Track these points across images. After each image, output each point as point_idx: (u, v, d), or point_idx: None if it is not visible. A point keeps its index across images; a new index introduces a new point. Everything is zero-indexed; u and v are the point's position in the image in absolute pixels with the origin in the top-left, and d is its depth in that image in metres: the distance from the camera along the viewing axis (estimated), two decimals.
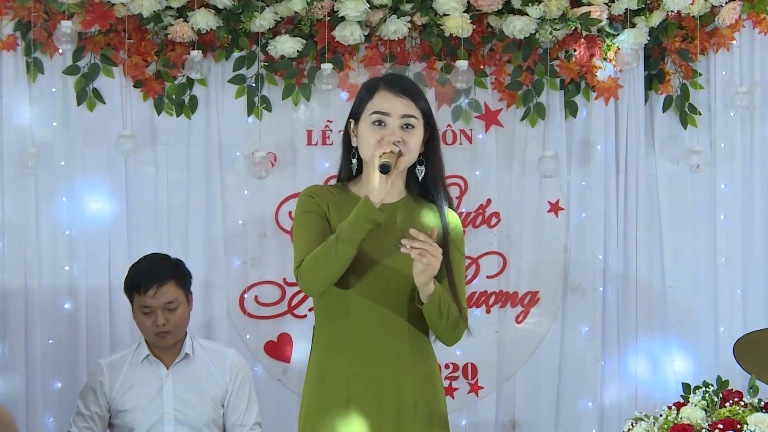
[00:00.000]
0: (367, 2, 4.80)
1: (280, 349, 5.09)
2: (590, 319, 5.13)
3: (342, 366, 3.12)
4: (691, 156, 5.03)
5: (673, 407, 3.43)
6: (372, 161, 3.05)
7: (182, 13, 4.88)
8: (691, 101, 5.12)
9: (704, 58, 5.14)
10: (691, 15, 4.99)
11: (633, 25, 4.95)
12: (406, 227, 3.11)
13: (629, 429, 3.44)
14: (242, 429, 4.39)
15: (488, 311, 5.13)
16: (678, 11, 4.98)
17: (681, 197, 5.20)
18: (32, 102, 4.93)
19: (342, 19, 4.85)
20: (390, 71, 4.93)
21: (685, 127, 5.13)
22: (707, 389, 3.49)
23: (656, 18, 4.97)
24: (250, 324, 5.08)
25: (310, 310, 4.91)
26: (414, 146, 3.14)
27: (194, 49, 4.86)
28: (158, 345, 4.34)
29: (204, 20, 4.83)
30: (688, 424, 3.30)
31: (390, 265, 3.12)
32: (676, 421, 3.34)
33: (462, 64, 4.89)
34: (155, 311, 4.27)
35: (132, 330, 4.69)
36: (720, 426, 3.24)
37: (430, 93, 5.03)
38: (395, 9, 4.89)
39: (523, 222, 5.14)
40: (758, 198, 5.20)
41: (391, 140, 3.06)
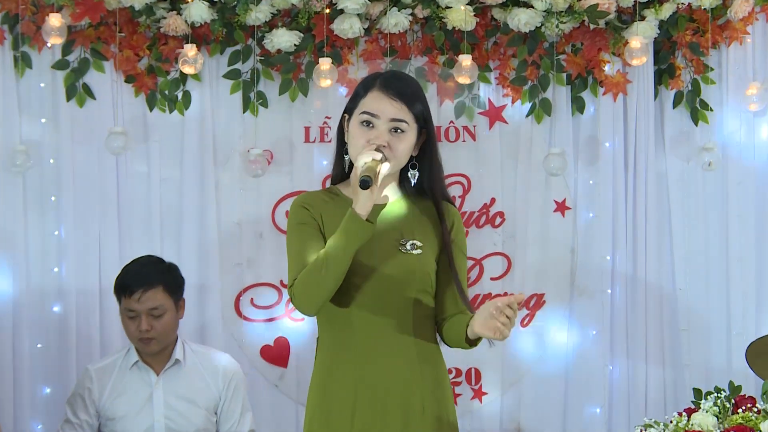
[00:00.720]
0: None
1: (277, 354, 5.08)
2: (598, 323, 5.12)
3: (347, 374, 3.11)
4: (703, 153, 5.02)
5: (684, 413, 3.43)
6: (354, 174, 3.02)
7: (175, 6, 4.88)
8: (703, 97, 5.11)
9: (716, 52, 5.11)
10: (703, 7, 4.97)
11: (642, 18, 4.93)
12: (404, 227, 3.12)
13: None
14: None
15: None
16: (689, 3, 4.97)
17: (692, 196, 5.18)
18: (20, 98, 4.93)
19: (341, 12, 4.84)
20: (390, 66, 4.95)
21: (696, 124, 5.11)
22: (719, 395, 3.49)
23: (666, 11, 4.95)
24: (246, 327, 5.08)
25: None
26: (402, 152, 3.11)
27: (188, 43, 4.83)
28: (143, 351, 4.34)
29: (198, 13, 4.82)
30: (700, 431, 3.29)
31: (391, 268, 3.11)
32: (687, 428, 3.33)
33: (465, 59, 4.86)
34: (139, 316, 4.27)
35: (123, 334, 4.59)
36: None
37: (432, 88, 5.04)
38: (396, 1, 4.88)
39: (529, 222, 5.13)
40: None
41: (375, 145, 3.05)
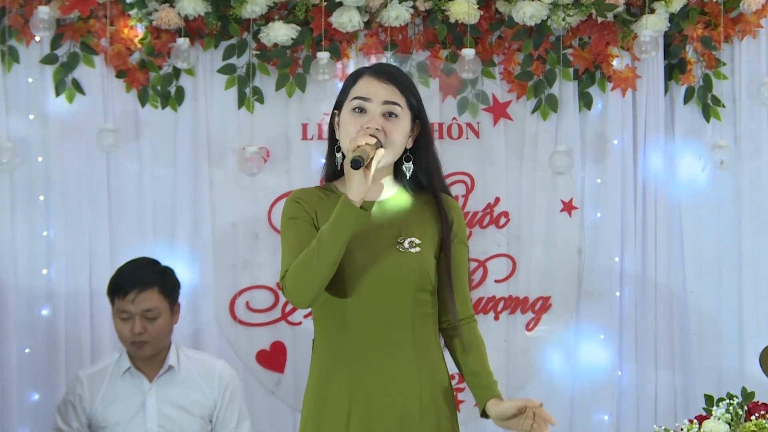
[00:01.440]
0: None
1: (274, 359, 5.08)
2: (606, 326, 5.12)
3: (343, 378, 3.10)
4: (715, 151, 5.01)
5: (695, 421, 3.42)
6: (348, 153, 3.01)
7: None
8: (715, 92, 5.10)
9: (728, 46, 5.12)
10: (715, 0, 4.97)
11: (652, 11, 4.93)
12: (401, 224, 3.11)
13: None
14: None
15: (496, 318, 5.13)
16: None
17: (703, 196, 5.17)
18: (7, 93, 4.93)
19: (339, 5, 4.84)
20: (391, 61, 4.94)
21: (708, 120, 5.11)
22: (731, 401, 3.48)
23: (677, 3, 4.95)
24: (241, 332, 5.07)
25: (306, 317, 4.97)
26: (397, 138, 3.10)
27: (181, 37, 4.85)
28: (135, 355, 4.33)
29: (191, 6, 4.82)
30: None
31: (388, 267, 3.09)
32: None
33: (468, 53, 4.87)
34: (133, 318, 4.27)
35: (115, 339, 4.67)
36: None
37: (434, 84, 5.04)
38: None
39: (534, 222, 5.13)
40: None
41: (369, 129, 3.03)
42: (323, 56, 4.85)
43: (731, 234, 5.17)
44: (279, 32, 4.86)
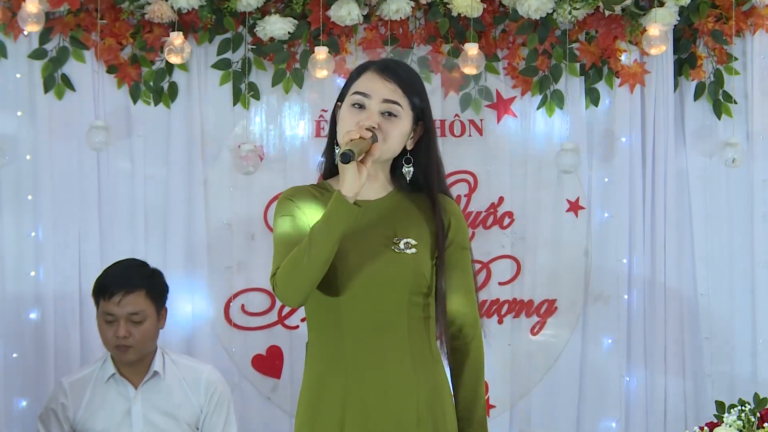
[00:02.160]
0: None
1: (270, 364, 5.07)
2: (614, 330, 5.11)
3: (336, 384, 3.08)
4: (726, 149, 5.00)
5: (706, 428, 3.42)
6: (340, 146, 3.00)
7: None
8: (726, 88, 5.10)
9: (740, 41, 5.11)
10: None
11: (661, 4, 4.91)
12: (397, 224, 3.09)
13: None
14: None
15: (500, 321, 5.12)
16: None
17: (715, 195, 5.18)
18: None
19: None
20: (391, 56, 4.94)
21: (719, 117, 5.11)
22: (743, 408, 3.47)
23: None
24: (237, 336, 5.07)
25: (303, 321, 4.92)
26: (394, 137, 3.07)
27: (174, 31, 4.82)
28: (118, 359, 4.30)
29: None
30: None
31: (382, 268, 3.07)
32: None
33: (471, 48, 4.85)
34: (118, 321, 4.23)
35: None
36: None
37: (436, 79, 5.04)
38: None
39: (539, 223, 5.13)
40: None
41: (365, 125, 3.01)
42: (321, 51, 4.83)
43: (743, 234, 5.17)
44: (275, 26, 4.85)
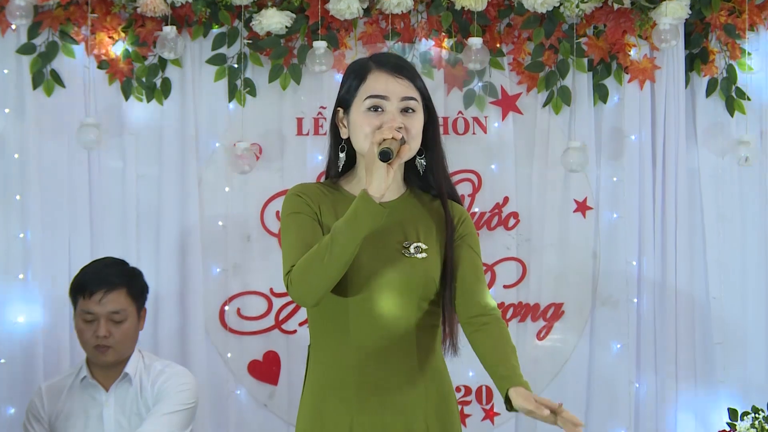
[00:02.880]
0: None
1: (267, 370, 5.07)
2: (623, 335, 5.11)
3: (344, 391, 3.10)
4: (739, 147, 5.00)
5: None
6: (370, 152, 3.00)
7: None
8: (739, 84, 5.09)
9: (754, 35, 5.11)
10: None
11: None
12: (408, 228, 3.10)
13: None
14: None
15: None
16: None
17: (727, 195, 5.18)
18: None
19: None
20: (392, 51, 4.94)
21: (732, 115, 5.10)
22: (757, 415, 3.46)
23: None
24: (232, 341, 5.06)
25: (301, 325, 4.99)
26: (417, 133, 3.11)
27: (167, 25, 4.83)
28: (96, 361, 4.28)
29: None
30: None
31: (392, 273, 3.08)
32: None
33: (475, 42, 4.87)
34: (98, 320, 4.23)
35: None
36: None
37: (439, 75, 5.04)
38: None
39: (546, 224, 5.13)
40: None
41: (393, 126, 3.03)
42: (320, 46, 4.83)
43: (757, 236, 5.18)
44: (272, 20, 4.85)
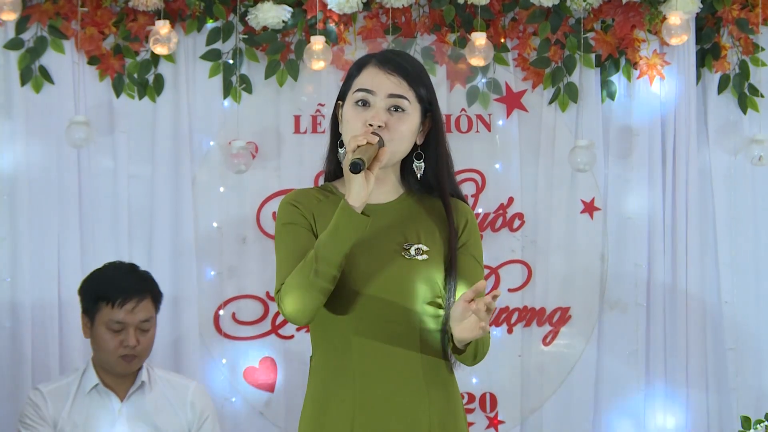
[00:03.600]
0: None
1: (263, 376, 5.06)
2: (632, 341, 5.10)
3: (344, 400, 3.06)
4: (752, 146, 4.99)
5: None
6: (346, 160, 2.98)
7: None
8: (752, 81, 5.09)
9: (767, 30, 5.09)
10: None
11: None
12: (407, 229, 3.07)
13: None
14: None
15: (510, 331, 5.10)
16: None
17: (740, 195, 5.16)
18: None
19: None
20: (393, 46, 4.95)
21: (745, 112, 5.09)
22: None
23: None
24: (227, 346, 5.06)
25: (299, 330, 4.99)
26: (403, 134, 3.06)
27: (160, 19, 4.81)
28: (118, 370, 4.28)
29: None
30: None
31: (393, 276, 3.05)
32: None
33: (479, 37, 4.85)
34: (127, 329, 4.25)
35: (87, 353, 4.63)
36: None
37: (441, 71, 5.03)
38: None
39: (552, 225, 5.12)
40: None
41: (371, 127, 3.01)
42: (318, 41, 4.81)
43: None
44: (269, 14, 4.85)
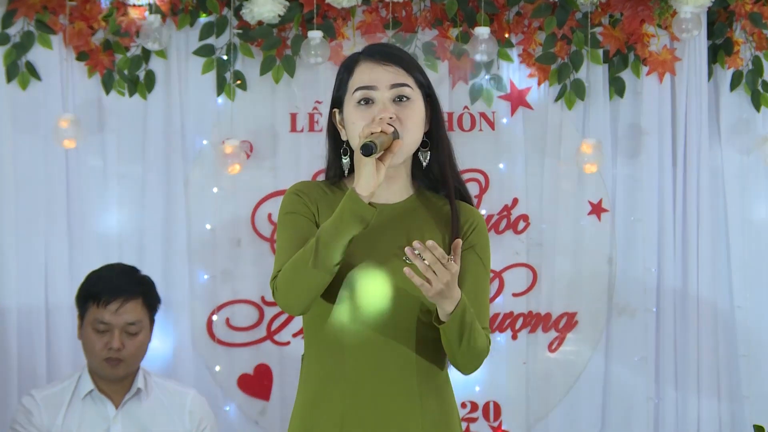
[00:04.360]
0: None
1: (258, 384, 5.05)
2: (641, 347, 5.08)
3: (334, 405, 3.04)
4: (766, 145, 4.99)
5: None
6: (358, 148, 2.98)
7: None
8: (766, 78, 5.08)
9: None
10: None
11: None
12: (410, 231, 3.04)
13: None
14: None
15: (515, 337, 5.08)
16: None
17: (753, 196, 5.15)
18: None
19: None
20: (393, 41, 4.92)
21: (758, 110, 5.08)
22: None
23: None
24: (221, 353, 5.05)
25: (294, 336, 4.98)
26: (414, 124, 3.04)
27: (151, 13, 4.82)
28: (104, 374, 4.29)
29: None
30: None
31: (391, 279, 3.02)
32: None
33: (482, 32, 4.85)
34: (112, 330, 4.25)
35: (75, 360, 4.67)
36: None
37: (443, 67, 5.01)
38: None
39: (558, 227, 5.10)
40: None
41: (385, 118, 2.99)
42: (315, 36, 4.82)
43: None
44: (264, 8, 4.81)
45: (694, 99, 5.04)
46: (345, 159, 3.08)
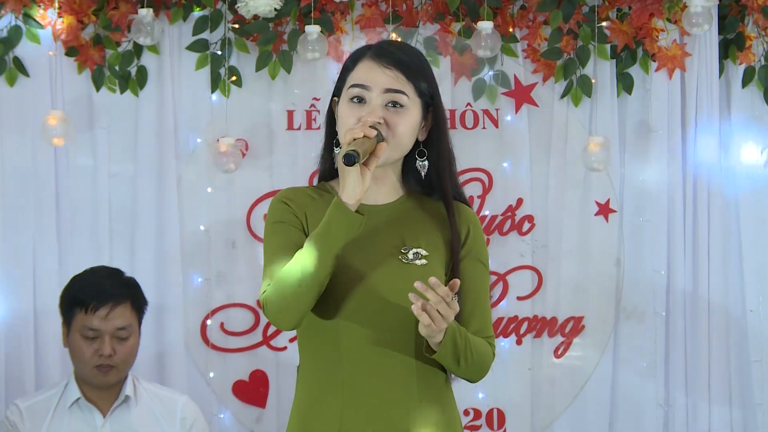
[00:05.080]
0: None
1: (254, 391, 5.04)
2: (650, 352, 5.06)
3: (332, 412, 3.02)
4: None
5: None
6: (342, 146, 2.99)
7: None
8: None
9: None
10: None
11: None
12: (406, 232, 3.04)
13: None
14: None
15: (519, 342, 5.07)
16: None
17: (766, 196, 5.13)
18: None
19: None
20: (393, 36, 4.92)
21: None
22: None
23: None
24: (215, 358, 5.03)
25: (291, 341, 4.96)
26: (403, 131, 3.03)
27: (143, 7, 4.81)
28: (95, 382, 4.27)
29: None
30: None
31: (388, 281, 3.01)
32: None
33: (485, 27, 4.83)
34: (102, 337, 4.23)
35: (64, 367, 4.64)
36: None
37: (445, 63, 5.00)
38: None
39: (564, 228, 5.09)
40: None
41: (368, 121, 2.98)
42: (313, 30, 4.80)
43: None
44: (260, 2, 4.81)
45: (705, 96, 5.03)
46: (336, 150, 3.08)
